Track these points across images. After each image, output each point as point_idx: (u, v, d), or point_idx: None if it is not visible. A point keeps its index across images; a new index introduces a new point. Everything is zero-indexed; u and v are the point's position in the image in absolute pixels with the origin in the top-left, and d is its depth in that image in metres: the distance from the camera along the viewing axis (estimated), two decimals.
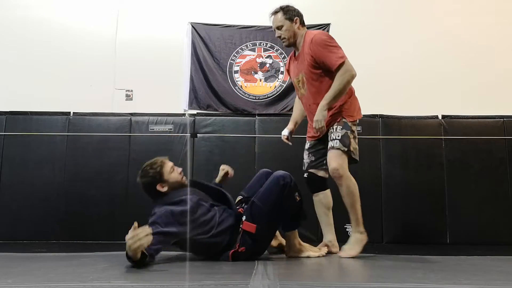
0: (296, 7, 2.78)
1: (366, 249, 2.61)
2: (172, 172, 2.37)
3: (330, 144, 2.60)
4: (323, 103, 2.53)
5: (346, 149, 2.55)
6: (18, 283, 1.58)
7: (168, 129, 4.36)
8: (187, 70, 4.93)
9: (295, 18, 2.70)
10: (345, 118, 2.61)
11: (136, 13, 5.06)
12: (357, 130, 2.72)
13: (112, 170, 4.22)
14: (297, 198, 2.36)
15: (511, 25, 4.99)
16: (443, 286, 1.58)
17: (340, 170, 2.53)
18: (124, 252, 1.94)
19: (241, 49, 4.99)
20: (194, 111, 4.73)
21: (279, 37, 2.76)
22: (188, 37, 5.00)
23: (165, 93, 4.84)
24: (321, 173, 2.80)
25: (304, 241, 2.62)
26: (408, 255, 2.60)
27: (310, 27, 4.95)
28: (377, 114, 4.36)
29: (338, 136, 2.57)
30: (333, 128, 2.61)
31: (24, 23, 4.95)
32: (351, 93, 2.72)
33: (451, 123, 4.34)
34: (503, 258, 2.68)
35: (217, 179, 2.80)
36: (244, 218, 2.32)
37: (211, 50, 4.96)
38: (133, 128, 4.35)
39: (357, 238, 2.58)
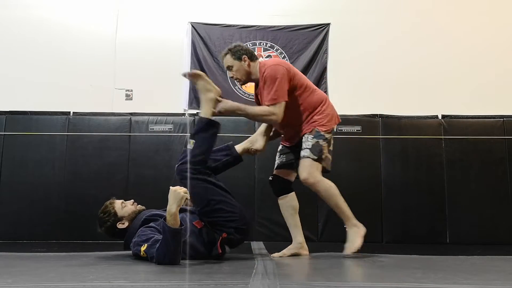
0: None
1: (366, 249, 2.61)
2: (124, 206, 2.51)
3: (301, 153, 2.61)
4: (239, 108, 2.69)
5: (316, 158, 2.56)
6: (18, 283, 1.58)
7: (168, 129, 4.35)
8: (187, 70, 4.93)
9: (243, 56, 2.67)
10: (317, 128, 2.62)
11: (136, 13, 5.06)
12: (331, 137, 2.65)
13: (112, 170, 4.22)
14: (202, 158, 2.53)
15: (511, 25, 4.98)
16: (443, 286, 1.58)
17: (310, 178, 2.55)
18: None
19: None
20: (194, 111, 4.72)
21: (232, 77, 2.78)
22: (188, 37, 5.00)
23: (165, 93, 4.84)
24: (287, 176, 2.80)
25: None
26: (408, 255, 2.60)
27: (310, 27, 4.99)
28: (377, 114, 4.35)
29: (309, 145, 2.58)
30: (304, 137, 2.63)
31: (24, 23, 4.95)
32: (321, 102, 2.68)
33: (451, 123, 4.34)
34: (503, 258, 2.68)
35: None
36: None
37: (211, 50, 4.96)
38: (133, 128, 4.34)
39: (354, 231, 2.58)
